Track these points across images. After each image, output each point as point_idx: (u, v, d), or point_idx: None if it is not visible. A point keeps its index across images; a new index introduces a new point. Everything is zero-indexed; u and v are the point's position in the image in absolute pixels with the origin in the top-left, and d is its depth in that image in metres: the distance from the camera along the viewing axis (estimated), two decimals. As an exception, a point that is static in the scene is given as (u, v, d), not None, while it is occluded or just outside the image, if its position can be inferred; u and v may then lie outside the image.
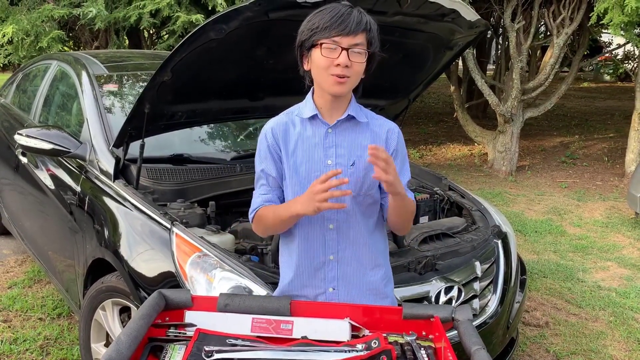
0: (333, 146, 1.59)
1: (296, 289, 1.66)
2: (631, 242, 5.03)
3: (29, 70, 4.31)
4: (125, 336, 1.30)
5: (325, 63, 1.47)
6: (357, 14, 1.48)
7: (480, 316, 2.37)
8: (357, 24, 1.46)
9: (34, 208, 3.39)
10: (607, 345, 3.25)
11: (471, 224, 2.73)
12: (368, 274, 1.66)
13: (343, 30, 1.44)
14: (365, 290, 1.67)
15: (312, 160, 1.58)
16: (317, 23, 1.47)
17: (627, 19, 5.36)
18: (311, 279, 1.64)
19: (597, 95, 15.90)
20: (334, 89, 1.50)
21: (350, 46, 1.46)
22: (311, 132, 1.59)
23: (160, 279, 2.11)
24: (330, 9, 1.47)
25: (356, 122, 1.61)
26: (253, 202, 1.66)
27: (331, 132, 1.59)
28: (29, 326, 3.17)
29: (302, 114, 1.60)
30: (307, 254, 1.62)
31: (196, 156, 2.82)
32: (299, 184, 1.59)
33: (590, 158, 8.44)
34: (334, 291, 1.64)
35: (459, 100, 8.50)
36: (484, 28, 2.49)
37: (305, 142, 1.59)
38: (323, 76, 1.50)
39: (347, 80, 1.49)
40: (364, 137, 1.61)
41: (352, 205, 1.59)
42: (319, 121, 1.59)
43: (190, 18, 5.99)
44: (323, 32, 1.45)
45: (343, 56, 1.45)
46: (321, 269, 1.63)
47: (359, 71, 1.51)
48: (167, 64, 2.08)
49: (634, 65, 15.21)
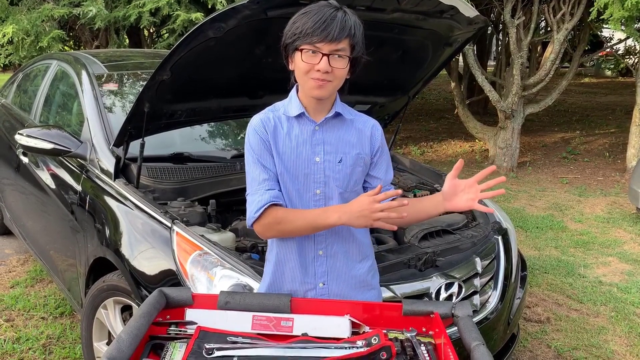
0: (321, 143, 1.59)
1: (283, 284, 1.65)
2: (632, 238, 5.02)
3: (29, 70, 4.32)
4: (126, 334, 1.30)
5: (306, 68, 1.47)
6: (342, 17, 1.44)
7: (481, 312, 2.37)
8: (341, 30, 1.43)
9: (35, 208, 3.39)
10: (608, 340, 3.25)
11: (471, 221, 2.73)
12: (356, 267, 1.67)
13: (326, 37, 1.42)
14: (354, 284, 1.68)
15: (300, 158, 1.58)
16: (301, 27, 1.45)
17: (627, 13, 5.35)
18: (300, 274, 1.64)
19: (598, 90, 15.87)
20: (315, 92, 1.50)
21: (332, 52, 1.45)
22: (298, 130, 1.59)
23: (161, 277, 2.11)
24: (315, 12, 1.45)
25: (342, 119, 1.62)
26: (254, 200, 1.54)
27: (318, 130, 1.59)
28: (32, 325, 3.18)
29: (288, 112, 1.59)
30: (297, 249, 1.62)
31: (196, 155, 2.82)
32: (289, 181, 1.59)
33: (591, 153, 8.43)
34: (324, 286, 1.64)
35: (460, 96, 8.49)
36: (483, 24, 2.49)
37: (293, 140, 1.58)
38: (304, 79, 1.50)
39: (328, 84, 1.49)
40: (350, 134, 1.62)
41: (339, 201, 1.60)
42: (306, 119, 1.59)
43: (190, 16, 5.99)
44: (305, 38, 1.44)
45: (323, 62, 1.45)
46: (311, 264, 1.63)
47: (341, 76, 1.50)
48: (166, 63, 2.08)
49: (635, 60, 15.16)
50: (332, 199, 1.60)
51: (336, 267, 1.64)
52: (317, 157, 1.59)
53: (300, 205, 1.60)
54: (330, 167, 1.59)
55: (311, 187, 1.59)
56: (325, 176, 1.59)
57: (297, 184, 1.59)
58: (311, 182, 1.59)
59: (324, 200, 1.60)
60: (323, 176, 1.59)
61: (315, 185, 1.59)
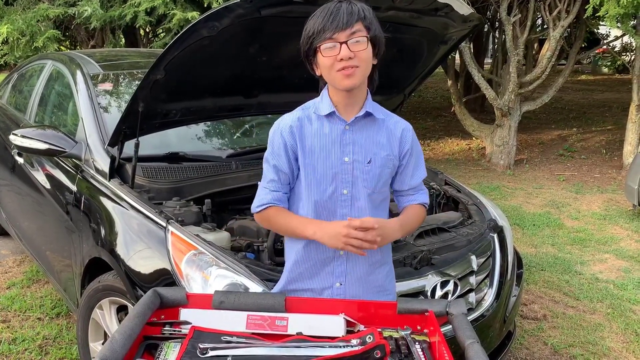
0: (350, 143, 1.59)
1: (302, 281, 1.67)
2: (629, 234, 5.03)
3: (24, 70, 4.30)
4: (120, 335, 1.30)
5: (329, 62, 1.48)
6: (347, 5, 1.47)
7: (477, 310, 2.37)
8: (349, 15, 1.46)
9: (31, 208, 3.39)
10: (604, 337, 3.25)
11: (467, 218, 2.73)
12: (375, 271, 1.68)
13: (337, 26, 1.44)
14: (371, 287, 1.68)
15: (329, 158, 1.58)
16: (311, 29, 1.48)
17: (623, 10, 5.35)
18: (319, 271, 1.65)
19: (595, 87, 15.88)
20: (345, 83, 1.49)
21: (348, 37, 1.46)
22: (328, 129, 1.58)
23: (157, 277, 2.11)
24: (321, 11, 1.48)
25: (373, 118, 1.61)
26: (260, 195, 1.64)
27: (348, 129, 1.59)
28: (28, 326, 3.18)
29: (319, 111, 1.59)
30: (318, 246, 1.62)
31: (191, 154, 2.81)
32: (315, 181, 1.59)
33: (588, 151, 8.44)
34: (341, 286, 1.65)
35: (457, 94, 8.49)
36: (478, 22, 2.49)
37: (323, 139, 1.58)
38: (331, 75, 1.50)
39: (356, 70, 1.48)
40: (380, 135, 1.62)
41: (366, 202, 1.60)
42: (336, 118, 1.58)
43: (186, 15, 5.98)
44: (319, 35, 1.46)
45: (344, 50, 1.45)
46: (330, 263, 1.64)
47: (366, 58, 1.50)
48: (159, 63, 2.08)
49: (631, 57, 15.18)
50: (359, 199, 1.60)
51: (355, 270, 1.65)
52: (346, 157, 1.58)
53: (327, 204, 1.60)
54: (359, 168, 1.59)
55: (339, 187, 1.59)
56: (353, 176, 1.59)
57: (324, 184, 1.58)
58: (339, 182, 1.59)
59: (350, 200, 1.60)
60: (351, 176, 1.59)
61: (343, 185, 1.59)
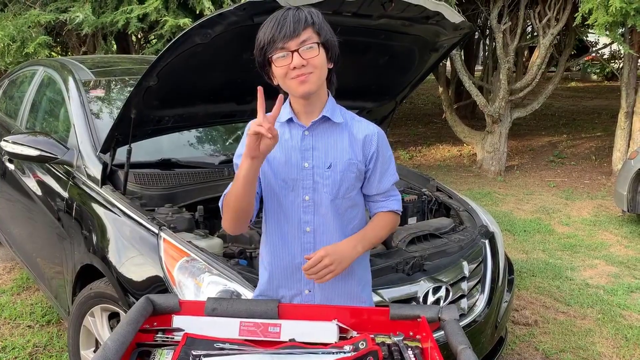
0: (310, 149, 1.58)
1: (272, 289, 1.67)
2: (618, 240, 5.07)
3: (15, 77, 4.28)
4: (112, 342, 1.30)
5: (283, 71, 1.47)
6: (294, 12, 1.46)
7: (469, 316, 2.38)
8: (296, 22, 1.44)
9: (21, 215, 3.37)
10: (595, 342, 3.28)
11: (459, 225, 2.75)
12: (344, 278, 1.65)
13: (285, 35, 1.43)
14: (341, 294, 1.67)
15: (289, 163, 1.58)
16: (262, 39, 1.47)
17: (612, 19, 5.42)
18: (287, 279, 1.64)
19: (585, 94, 16.04)
20: (300, 89, 1.49)
21: (299, 46, 1.44)
22: (289, 135, 1.59)
23: (149, 284, 2.10)
24: (269, 21, 1.47)
25: (332, 123, 1.59)
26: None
27: (308, 135, 1.58)
28: (18, 334, 3.15)
29: (279, 118, 1.59)
30: (283, 255, 1.62)
31: (184, 160, 2.81)
32: (278, 187, 1.59)
33: (578, 157, 8.51)
34: (310, 293, 1.65)
35: (448, 101, 8.55)
36: (469, 30, 2.51)
37: (284, 145, 1.58)
38: (287, 83, 1.50)
39: (310, 76, 1.47)
40: (341, 139, 1.60)
41: (329, 208, 1.59)
42: (296, 124, 1.59)
43: (178, 22, 5.96)
44: (270, 46, 1.45)
45: (296, 58, 1.44)
46: (298, 270, 1.62)
47: (319, 63, 1.48)
48: (152, 69, 2.08)
49: (620, 64, 15.34)
50: (322, 205, 1.59)
51: None
52: (306, 162, 1.58)
53: (290, 211, 1.59)
54: (319, 173, 1.58)
55: (300, 193, 1.58)
56: (314, 182, 1.58)
57: (286, 190, 1.58)
58: (300, 188, 1.58)
59: (313, 207, 1.59)
60: (312, 182, 1.58)
61: (304, 192, 1.58)
